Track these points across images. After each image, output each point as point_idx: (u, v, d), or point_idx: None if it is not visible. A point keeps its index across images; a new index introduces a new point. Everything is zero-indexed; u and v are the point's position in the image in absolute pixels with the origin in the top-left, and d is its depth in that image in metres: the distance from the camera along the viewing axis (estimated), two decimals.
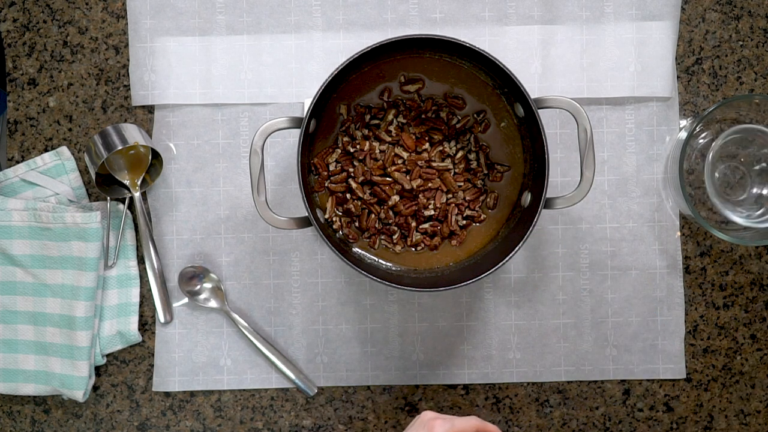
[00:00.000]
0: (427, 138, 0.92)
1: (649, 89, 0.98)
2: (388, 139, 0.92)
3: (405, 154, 0.92)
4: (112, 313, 0.98)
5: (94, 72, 0.99)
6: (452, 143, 0.93)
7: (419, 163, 0.92)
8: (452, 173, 0.93)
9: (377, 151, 0.92)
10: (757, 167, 0.96)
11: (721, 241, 0.99)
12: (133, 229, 0.99)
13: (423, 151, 0.92)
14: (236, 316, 0.97)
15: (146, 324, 1.00)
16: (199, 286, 0.98)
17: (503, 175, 0.93)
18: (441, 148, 0.92)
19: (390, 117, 0.92)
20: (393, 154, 0.92)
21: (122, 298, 0.98)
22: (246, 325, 0.97)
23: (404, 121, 0.92)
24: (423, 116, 0.92)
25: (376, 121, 0.92)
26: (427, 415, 0.78)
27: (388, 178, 0.92)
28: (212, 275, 0.98)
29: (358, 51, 0.82)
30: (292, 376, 0.97)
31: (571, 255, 0.99)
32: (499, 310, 0.99)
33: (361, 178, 0.92)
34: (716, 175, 0.97)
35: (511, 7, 0.98)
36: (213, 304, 0.98)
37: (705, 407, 1.00)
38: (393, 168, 0.92)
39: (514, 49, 0.98)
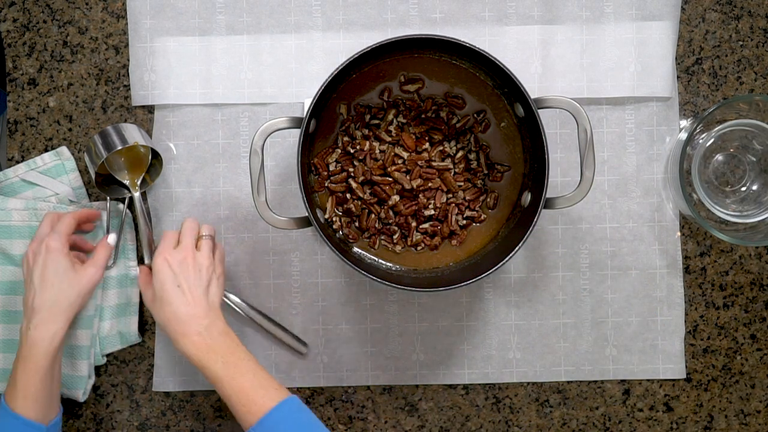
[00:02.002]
0: (427, 138, 0.92)
1: (649, 89, 0.98)
2: (388, 138, 0.92)
3: (405, 154, 0.92)
4: (112, 313, 0.98)
5: (94, 72, 0.99)
6: (452, 143, 0.93)
7: (419, 162, 0.92)
8: (452, 173, 0.93)
9: (377, 151, 0.92)
10: (749, 164, 0.96)
11: (721, 241, 0.99)
12: (133, 229, 0.99)
13: (423, 150, 0.92)
14: (225, 291, 0.97)
15: (146, 324, 1.00)
16: None
17: (503, 175, 0.93)
18: (441, 147, 0.92)
19: (390, 117, 0.92)
20: (393, 153, 0.92)
21: (122, 298, 0.98)
22: (229, 297, 0.97)
23: (404, 120, 0.92)
24: (423, 116, 0.92)
25: (376, 121, 0.92)
26: (186, 240, 0.86)
27: (388, 178, 0.92)
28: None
29: (358, 51, 0.82)
30: (281, 338, 0.98)
31: (571, 255, 0.99)
32: (499, 310, 0.99)
33: (361, 178, 0.92)
34: (709, 169, 0.97)
35: (511, 7, 0.98)
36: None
37: (705, 407, 1.00)
38: (393, 168, 0.92)
39: (514, 49, 0.98)
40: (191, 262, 0.84)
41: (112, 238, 0.91)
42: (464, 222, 0.93)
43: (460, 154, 0.93)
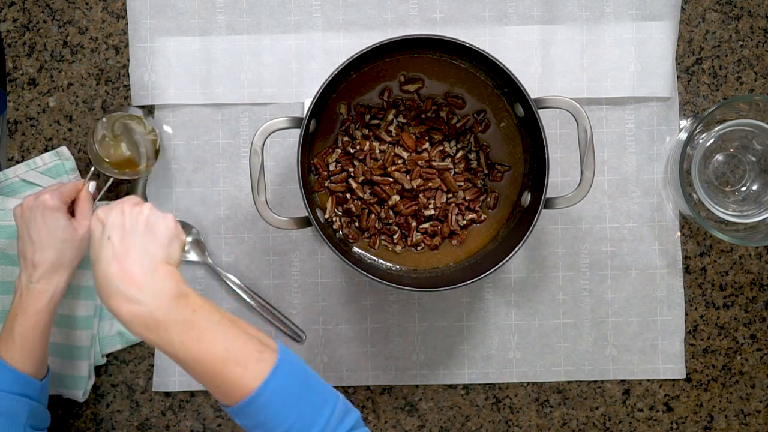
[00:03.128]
0: (427, 138, 0.92)
1: (649, 89, 0.98)
2: (388, 138, 0.92)
3: (405, 154, 0.92)
4: None
5: (94, 72, 0.99)
6: (452, 143, 0.93)
7: (419, 162, 0.92)
8: (452, 173, 0.93)
9: (377, 151, 0.92)
10: (749, 163, 0.96)
11: (721, 241, 0.99)
12: None
13: (423, 150, 0.92)
14: (219, 269, 0.97)
15: None
16: None
17: (503, 175, 0.93)
18: (441, 147, 0.92)
19: (390, 117, 0.92)
20: (393, 153, 0.92)
21: None
22: (230, 277, 0.97)
23: (404, 120, 0.92)
24: (423, 116, 0.92)
25: (376, 121, 0.92)
26: (122, 199, 0.73)
27: (388, 178, 0.92)
28: (193, 229, 0.98)
29: (358, 51, 0.82)
30: (278, 324, 0.98)
31: (571, 255, 0.99)
32: (499, 310, 0.99)
33: (361, 178, 0.92)
34: (709, 169, 0.97)
35: (511, 7, 0.98)
36: (193, 257, 0.98)
37: (705, 407, 1.00)
38: (393, 168, 0.92)
39: (514, 49, 0.98)
40: (129, 209, 0.70)
41: (91, 185, 0.90)
42: (464, 222, 0.93)
43: (460, 154, 0.93)
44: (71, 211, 0.89)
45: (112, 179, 0.94)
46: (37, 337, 0.81)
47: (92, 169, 0.92)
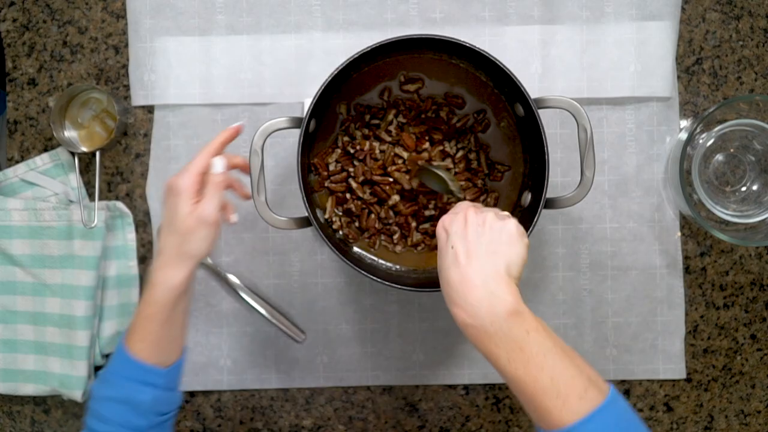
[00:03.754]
0: (427, 138, 0.92)
1: (649, 89, 0.98)
2: (388, 138, 0.92)
3: (405, 154, 0.92)
4: (112, 313, 0.98)
5: (94, 72, 0.99)
6: (452, 143, 0.93)
7: (419, 162, 0.92)
8: (452, 173, 0.92)
9: (377, 151, 0.92)
10: (749, 164, 0.96)
11: (721, 241, 0.99)
12: (133, 230, 0.99)
13: (423, 150, 0.92)
14: (219, 269, 0.97)
15: None
16: None
17: (503, 174, 0.93)
18: (441, 147, 0.92)
19: (390, 117, 0.92)
20: (393, 153, 0.92)
21: (122, 298, 0.98)
22: (230, 277, 0.97)
23: (404, 120, 0.92)
24: (423, 116, 0.92)
25: (376, 121, 0.92)
26: (462, 205, 0.73)
27: (388, 178, 0.92)
28: None
29: (358, 51, 0.82)
30: (278, 322, 0.98)
31: (571, 255, 0.99)
32: None
33: (361, 178, 0.92)
34: (709, 169, 0.97)
35: (511, 7, 0.98)
36: None
37: (705, 407, 0.99)
38: (393, 168, 0.92)
39: (514, 49, 0.98)
40: (473, 218, 0.71)
41: (218, 164, 0.78)
42: None
43: (460, 153, 0.93)
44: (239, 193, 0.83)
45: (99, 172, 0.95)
46: (155, 329, 0.74)
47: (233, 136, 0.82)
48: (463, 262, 0.67)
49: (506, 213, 0.73)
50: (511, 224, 0.70)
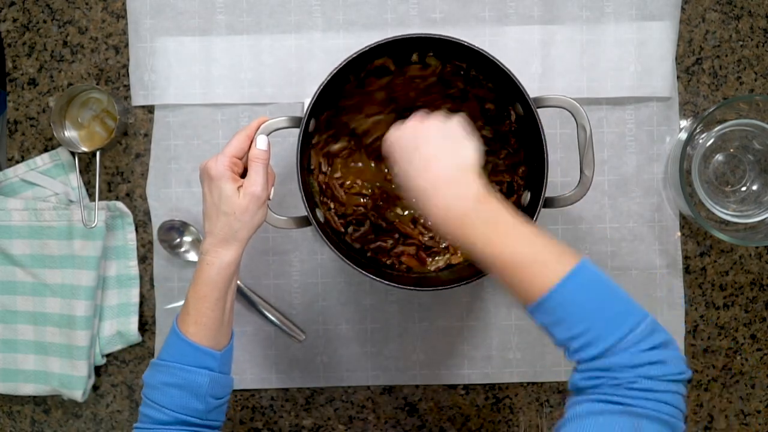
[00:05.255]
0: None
1: (649, 89, 0.98)
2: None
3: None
4: (112, 313, 0.98)
5: (94, 72, 0.99)
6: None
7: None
8: None
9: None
10: (749, 164, 0.96)
11: (721, 241, 0.99)
12: (134, 230, 0.99)
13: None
14: None
15: (146, 324, 1.00)
16: (178, 239, 0.98)
17: (503, 174, 0.93)
18: None
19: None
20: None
21: (122, 298, 0.98)
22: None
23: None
24: None
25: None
26: (406, 121, 0.75)
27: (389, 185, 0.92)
28: (192, 228, 0.98)
29: (358, 50, 0.82)
30: (278, 322, 0.98)
31: None
32: (499, 309, 0.99)
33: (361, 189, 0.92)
34: (709, 169, 0.97)
35: (511, 7, 0.98)
36: (193, 256, 0.98)
37: (705, 407, 0.99)
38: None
39: (514, 49, 0.98)
40: (418, 125, 0.74)
41: (260, 141, 0.80)
42: None
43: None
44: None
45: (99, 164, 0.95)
46: (209, 310, 0.76)
47: (261, 126, 0.82)
48: (427, 166, 0.70)
49: (444, 112, 0.75)
50: (455, 121, 0.73)
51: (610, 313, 0.64)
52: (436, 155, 0.70)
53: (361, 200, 0.93)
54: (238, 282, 0.97)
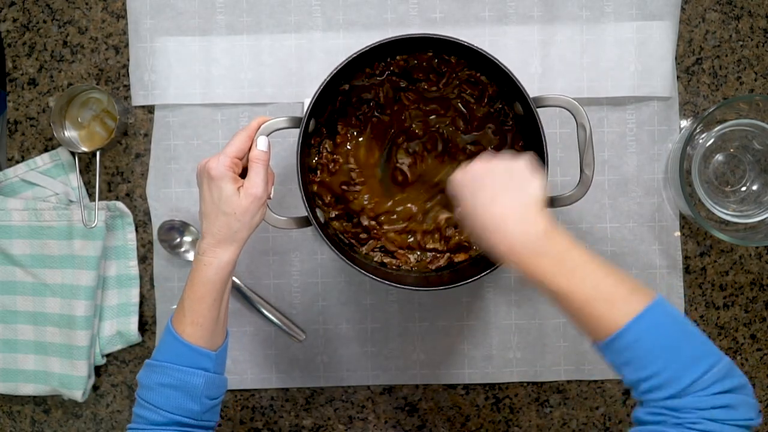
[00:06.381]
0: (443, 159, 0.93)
1: (649, 89, 0.98)
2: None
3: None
4: (112, 313, 0.98)
5: (94, 72, 0.99)
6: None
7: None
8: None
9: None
10: (749, 164, 0.96)
11: (721, 241, 0.99)
12: (134, 230, 0.99)
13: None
14: None
15: (146, 324, 1.00)
16: (178, 239, 0.98)
17: None
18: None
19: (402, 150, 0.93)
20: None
21: (122, 298, 0.98)
22: (234, 279, 0.97)
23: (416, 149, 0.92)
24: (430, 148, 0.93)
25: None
26: (471, 163, 0.75)
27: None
28: (192, 228, 0.98)
29: (358, 50, 0.82)
30: (278, 322, 0.98)
31: None
32: (499, 309, 0.99)
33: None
34: (709, 169, 0.97)
35: (511, 7, 0.98)
36: (193, 256, 0.97)
37: None
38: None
39: (514, 49, 0.98)
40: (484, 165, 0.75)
41: (261, 142, 0.79)
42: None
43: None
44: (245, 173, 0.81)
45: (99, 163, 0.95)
46: (206, 311, 0.76)
47: (261, 126, 0.82)
48: (493, 202, 0.70)
49: (513, 151, 0.77)
50: (523, 161, 0.73)
51: (683, 356, 0.63)
52: (503, 192, 0.71)
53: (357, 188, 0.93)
54: (238, 282, 0.97)
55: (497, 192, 0.71)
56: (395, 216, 0.92)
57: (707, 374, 0.62)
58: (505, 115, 0.90)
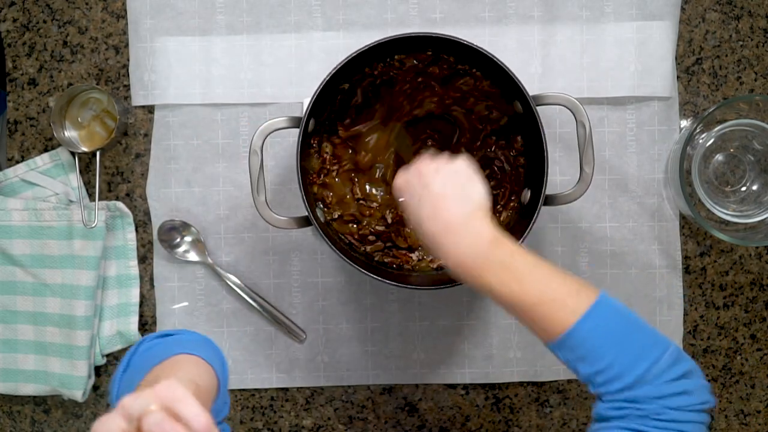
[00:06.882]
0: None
1: (649, 89, 0.98)
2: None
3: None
4: (112, 313, 0.98)
5: (94, 72, 0.99)
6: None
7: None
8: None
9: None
10: (749, 164, 0.96)
11: (721, 241, 0.99)
12: (134, 230, 0.99)
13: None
14: (219, 269, 0.97)
15: (146, 324, 1.00)
16: (178, 239, 0.98)
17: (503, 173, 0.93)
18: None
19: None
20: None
21: (122, 298, 0.98)
22: (230, 277, 0.97)
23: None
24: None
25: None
26: (409, 167, 0.74)
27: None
28: (192, 228, 0.98)
29: (357, 49, 0.82)
30: (278, 324, 0.98)
31: (570, 254, 0.99)
32: (499, 309, 0.99)
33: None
34: (709, 169, 0.97)
35: (511, 7, 0.98)
36: (193, 257, 0.98)
37: None
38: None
39: (514, 49, 0.98)
40: (424, 170, 0.73)
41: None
42: None
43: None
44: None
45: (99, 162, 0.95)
46: None
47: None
48: (436, 211, 0.69)
49: (448, 154, 0.75)
50: (461, 162, 0.72)
51: (632, 346, 0.65)
52: (445, 199, 0.70)
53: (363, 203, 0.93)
54: (239, 282, 0.97)
55: (439, 199, 0.70)
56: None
57: (658, 362, 0.64)
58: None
